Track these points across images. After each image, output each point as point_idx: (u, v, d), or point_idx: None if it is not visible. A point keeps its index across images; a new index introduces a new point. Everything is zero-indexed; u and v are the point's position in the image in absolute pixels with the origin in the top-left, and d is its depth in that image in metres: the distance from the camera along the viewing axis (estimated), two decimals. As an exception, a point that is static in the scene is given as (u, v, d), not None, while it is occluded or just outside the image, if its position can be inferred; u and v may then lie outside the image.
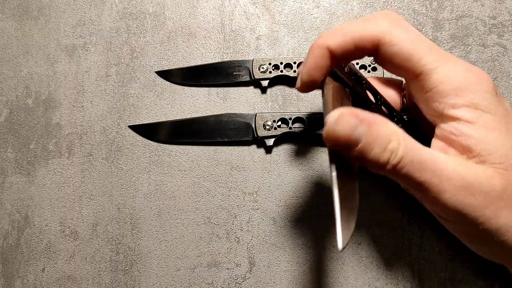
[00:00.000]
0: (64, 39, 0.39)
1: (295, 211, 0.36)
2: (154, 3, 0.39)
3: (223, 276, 0.35)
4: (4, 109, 0.38)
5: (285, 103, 0.38)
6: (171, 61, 0.38)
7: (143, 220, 0.36)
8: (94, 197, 0.37)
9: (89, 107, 0.38)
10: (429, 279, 0.35)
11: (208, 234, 0.36)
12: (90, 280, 0.36)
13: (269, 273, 0.35)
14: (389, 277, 0.35)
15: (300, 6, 0.39)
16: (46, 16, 0.39)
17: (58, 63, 0.39)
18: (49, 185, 0.37)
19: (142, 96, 0.38)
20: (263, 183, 0.37)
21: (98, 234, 0.36)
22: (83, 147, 0.38)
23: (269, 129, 0.36)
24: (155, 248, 0.36)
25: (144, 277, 0.36)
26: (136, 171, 0.37)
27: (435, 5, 0.38)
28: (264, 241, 0.36)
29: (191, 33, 0.39)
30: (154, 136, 0.37)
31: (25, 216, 0.37)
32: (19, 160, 0.38)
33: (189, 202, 0.37)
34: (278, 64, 0.37)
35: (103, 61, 0.39)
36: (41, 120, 0.38)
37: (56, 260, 0.36)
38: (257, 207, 0.36)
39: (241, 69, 0.37)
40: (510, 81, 0.37)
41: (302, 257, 0.36)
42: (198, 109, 0.38)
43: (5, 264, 0.36)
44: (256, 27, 0.39)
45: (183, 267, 0.36)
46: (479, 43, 0.37)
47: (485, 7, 0.38)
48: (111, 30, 0.39)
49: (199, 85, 0.38)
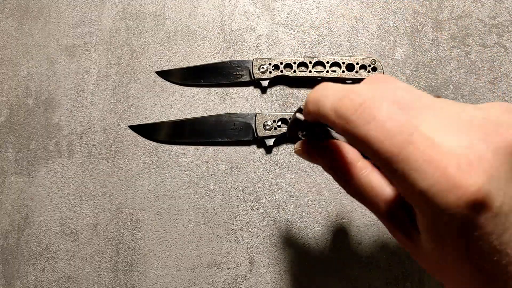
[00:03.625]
0: (64, 39, 0.39)
1: (295, 211, 0.36)
2: (154, 3, 0.39)
3: (223, 276, 0.35)
4: (4, 109, 0.38)
5: (285, 103, 0.38)
6: (171, 61, 0.38)
7: (143, 220, 0.36)
8: (94, 197, 0.37)
9: (89, 107, 0.38)
10: (429, 279, 0.35)
11: (208, 234, 0.36)
12: (90, 280, 0.36)
13: (269, 273, 0.35)
14: (389, 277, 0.35)
15: (300, 6, 0.39)
16: (46, 16, 0.39)
17: (58, 63, 0.39)
18: (49, 185, 0.37)
19: (142, 96, 0.38)
20: (263, 183, 0.37)
21: (98, 234, 0.36)
22: (83, 147, 0.38)
23: (269, 129, 0.36)
24: (155, 248, 0.36)
25: (144, 277, 0.36)
26: (136, 171, 0.37)
27: (435, 5, 0.38)
28: (264, 241, 0.36)
29: (191, 33, 0.39)
30: (154, 136, 0.37)
31: (25, 216, 0.37)
32: (19, 160, 0.38)
33: (189, 202, 0.37)
34: (278, 64, 0.37)
35: (103, 61, 0.39)
36: (41, 120, 0.38)
37: (56, 260, 0.36)
38: (257, 207, 0.36)
39: (241, 69, 0.37)
40: (510, 81, 0.37)
41: (302, 257, 0.36)
42: (198, 109, 0.38)
43: (5, 264, 0.36)
44: (256, 27, 0.39)
45: (183, 267, 0.36)
46: (479, 43, 0.37)
47: (485, 7, 0.38)
48: (111, 30, 0.39)
49: (199, 85, 0.38)
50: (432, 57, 0.37)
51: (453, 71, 0.37)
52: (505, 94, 0.37)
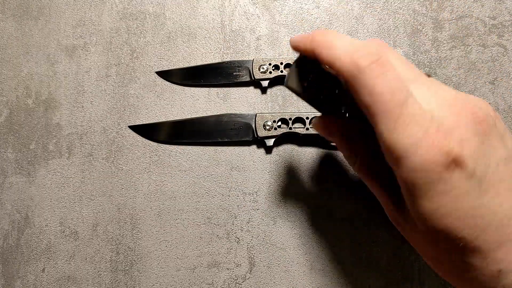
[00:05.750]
0: (64, 39, 0.39)
1: (295, 211, 0.36)
2: (154, 3, 0.39)
3: (223, 276, 0.35)
4: (4, 109, 0.38)
5: (285, 103, 0.38)
6: (171, 62, 0.39)
7: (143, 220, 0.36)
8: (94, 197, 0.37)
9: (89, 107, 0.38)
10: (429, 279, 0.35)
11: (208, 234, 0.36)
12: (90, 280, 0.36)
13: (269, 273, 0.35)
14: (389, 277, 0.35)
15: (300, 6, 0.39)
16: (46, 16, 0.39)
17: (58, 63, 0.39)
18: (49, 185, 0.37)
19: (142, 96, 0.38)
20: (263, 183, 0.37)
21: (98, 234, 0.36)
22: (83, 147, 0.38)
23: (269, 129, 0.36)
24: (155, 248, 0.36)
25: (144, 277, 0.36)
26: (136, 171, 0.37)
27: (435, 5, 0.38)
28: (264, 241, 0.36)
29: (191, 33, 0.39)
30: (154, 136, 0.37)
31: (25, 216, 0.37)
32: (19, 160, 0.38)
33: (189, 202, 0.37)
34: (278, 64, 0.37)
35: (103, 61, 0.39)
36: (41, 120, 0.38)
37: (56, 260, 0.36)
38: (257, 207, 0.36)
39: (241, 69, 0.37)
40: (510, 81, 0.37)
41: (302, 257, 0.36)
42: (198, 109, 0.38)
43: (5, 264, 0.36)
44: (256, 27, 0.39)
45: (183, 267, 0.36)
46: (479, 43, 0.37)
47: (485, 8, 0.38)
48: (111, 30, 0.39)
49: (199, 85, 0.38)
50: (432, 57, 0.37)
51: (453, 71, 0.37)
52: (505, 94, 0.37)
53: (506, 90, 0.37)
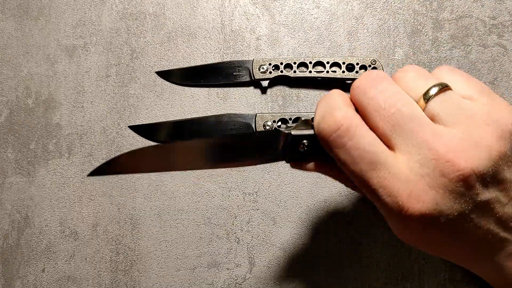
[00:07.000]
0: (64, 39, 0.39)
1: (295, 211, 0.36)
2: (154, 4, 0.39)
3: (223, 277, 0.35)
4: (4, 109, 0.38)
5: (285, 103, 0.38)
6: (171, 62, 0.39)
7: (143, 220, 0.36)
8: (94, 197, 0.37)
9: (89, 107, 0.38)
10: (429, 279, 0.35)
11: (208, 235, 0.36)
12: (90, 280, 0.36)
13: (269, 273, 0.35)
14: (389, 277, 0.35)
15: (300, 6, 0.39)
16: (46, 16, 0.39)
17: (58, 64, 0.39)
18: (49, 186, 0.37)
19: (142, 97, 0.38)
20: (263, 183, 0.37)
21: (98, 234, 0.36)
22: (83, 147, 0.38)
23: (269, 129, 0.36)
24: (155, 248, 0.36)
25: (144, 278, 0.36)
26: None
27: (435, 5, 0.38)
28: (264, 241, 0.36)
29: (191, 34, 0.39)
30: (154, 137, 0.37)
31: (25, 216, 0.37)
32: (19, 160, 0.38)
33: (189, 203, 0.37)
34: (278, 65, 0.37)
35: (103, 62, 0.39)
36: (41, 120, 0.38)
37: (56, 261, 0.36)
38: (257, 207, 0.36)
39: (241, 70, 0.37)
40: (510, 81, 0.37)
41: (302, 257, 0.36)
42: (198, 110, 0.38)
43: (5, 265, 0.36)
44: (256, 28, 0.39)
45: (183, 268, 0.36)
46: (479, 43, 0.37)
47: (485, 8, 0.38)
48: (111, 31, 0.39)
49: (199, 85, 0.38)
50: (432, 57, 0.38)
51: (453, 71, 0.37)
52: (505, 94, 0.37)
53: (506, 90, 0.37)
